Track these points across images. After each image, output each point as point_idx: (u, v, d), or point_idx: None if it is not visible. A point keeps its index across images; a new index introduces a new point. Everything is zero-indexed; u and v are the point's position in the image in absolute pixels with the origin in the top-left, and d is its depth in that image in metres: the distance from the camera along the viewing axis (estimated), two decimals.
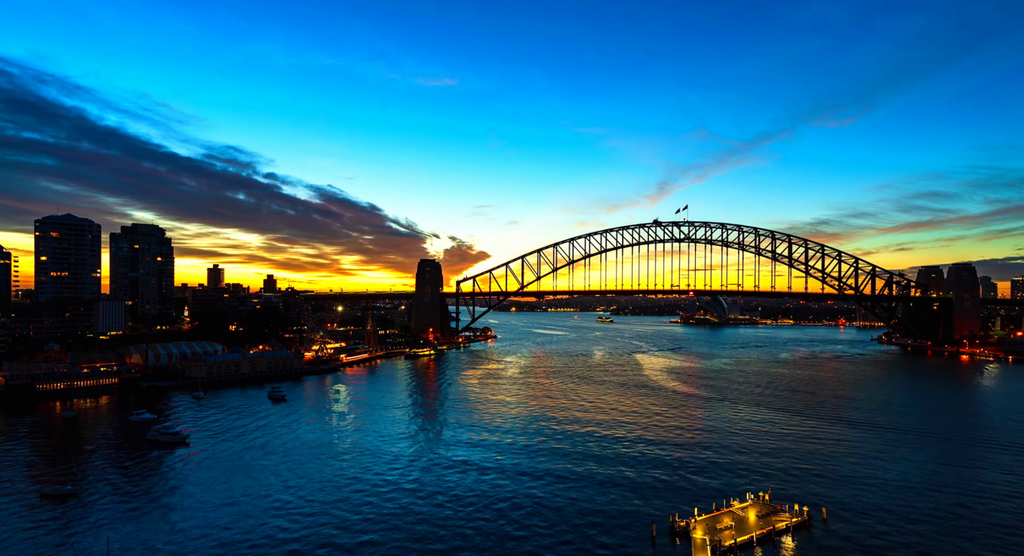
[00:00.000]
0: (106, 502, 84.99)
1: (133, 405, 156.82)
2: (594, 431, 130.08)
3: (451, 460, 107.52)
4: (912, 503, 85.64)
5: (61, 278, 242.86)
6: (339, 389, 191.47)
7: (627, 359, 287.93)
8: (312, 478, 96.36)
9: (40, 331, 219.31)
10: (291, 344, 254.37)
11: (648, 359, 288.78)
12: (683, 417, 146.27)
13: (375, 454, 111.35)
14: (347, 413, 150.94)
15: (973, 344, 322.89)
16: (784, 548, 71.16)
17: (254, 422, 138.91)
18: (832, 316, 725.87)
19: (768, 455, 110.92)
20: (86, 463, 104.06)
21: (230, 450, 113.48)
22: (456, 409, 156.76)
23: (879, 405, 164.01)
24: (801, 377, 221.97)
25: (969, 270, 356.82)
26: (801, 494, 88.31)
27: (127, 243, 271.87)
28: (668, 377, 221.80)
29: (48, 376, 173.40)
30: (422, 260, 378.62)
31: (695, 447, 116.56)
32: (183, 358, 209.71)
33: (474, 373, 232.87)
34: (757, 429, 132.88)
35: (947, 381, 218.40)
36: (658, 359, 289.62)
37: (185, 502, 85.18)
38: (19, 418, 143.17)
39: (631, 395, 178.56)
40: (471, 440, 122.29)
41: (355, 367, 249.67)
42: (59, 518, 78.72)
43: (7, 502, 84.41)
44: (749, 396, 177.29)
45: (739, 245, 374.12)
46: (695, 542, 69.29)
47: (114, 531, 74.02)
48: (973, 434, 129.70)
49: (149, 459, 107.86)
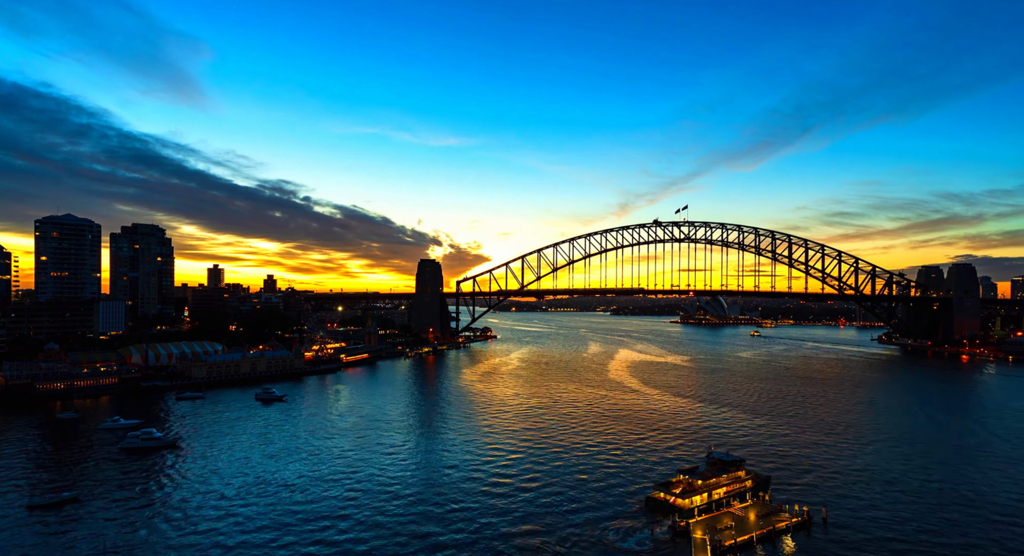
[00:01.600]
0: (94, 509, 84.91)
1: (109, 411, 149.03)
2: (593, 430, 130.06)
3: (450, 459, 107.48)
4: (912, 504, 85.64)
5: (61, 278, 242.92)
6: (339, 389, 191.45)
7: (627, 359, 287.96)
8: (312, 480, 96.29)
9: (40, 331, 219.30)
10: (291, 344, 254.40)
11: (648, 359, 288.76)
12: (683, 417, 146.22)
13: (375, 455, 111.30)
14: (347, 413, 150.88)
15: (973, 344, 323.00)
16: (784, 548, 71.16)
17: (247, 424, 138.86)
18: (832, 316, 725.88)
19: (768, 455, 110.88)
20: (65, 472, 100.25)
21: (218, 453, 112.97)
22: (455, 409, 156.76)
23: (879, 405, 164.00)
24: (800, 377, 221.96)
25: (969, 270, 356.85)
26: (801, 494, 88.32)
27: (127, 243, 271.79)
28: (668, 377, 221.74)
29: (48, 376, 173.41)
30: (422, 260, 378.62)
31: (695, 447, 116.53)
32: (183, 358, 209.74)
33: (474, 373, 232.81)
34: (757, 429, 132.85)
35: (947, 381, 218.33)
36: (658, 359, 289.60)
37: (167, 508, 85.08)
38: (18, 418, 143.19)
39: (630, 394, 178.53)
40: (470, 439, 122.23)
41: (355, 367, 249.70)
42: (49, 525, 78.62)
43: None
44: (748, 396, 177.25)
45: (739, 245, 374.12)
46: (695, 542, 69.26)
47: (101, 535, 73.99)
48: (973, 435, 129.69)
49: (126, 466, 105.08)
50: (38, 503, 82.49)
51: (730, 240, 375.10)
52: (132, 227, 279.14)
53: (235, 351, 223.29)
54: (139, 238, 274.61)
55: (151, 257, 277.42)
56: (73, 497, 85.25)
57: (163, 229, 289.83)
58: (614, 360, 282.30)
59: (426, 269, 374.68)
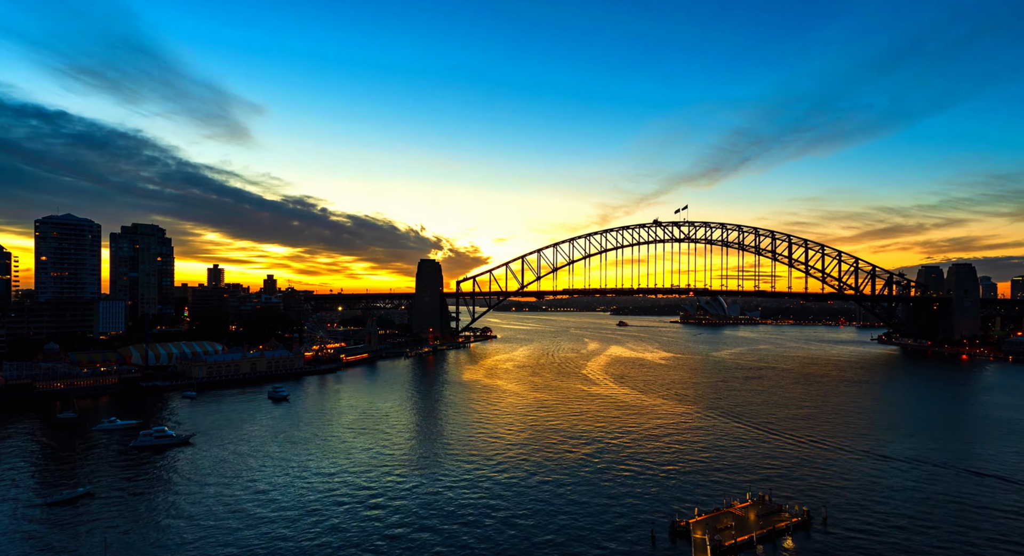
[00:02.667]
0: (102, 505, 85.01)
1: (108, 412, 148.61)
2: (592, 430, 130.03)
3: (449, 460, 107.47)
4: (912, 504, 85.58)
5: (61, 278, 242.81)
6: (339, 389, 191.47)
7: (626, 359, 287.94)
8: (311, 480, 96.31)
9: (40, 331, 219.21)
10: (291, 344, 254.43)
11: (647, 359, 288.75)
12: (682, 417, 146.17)
13: (374, 455, 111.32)
14: (346, 414, 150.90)
15: (973, 344, 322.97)
16: (784, 548, 71.14)
17: (251, 423, 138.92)
18: (832, 316, 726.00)
19: (768, 455, 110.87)
20: (76, 470, 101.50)
21: (221, 452, 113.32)
22: (455, 409, 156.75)
23: (879, 406, 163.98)
24: (800, 378, 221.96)
25: (969, 270, 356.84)
26: (801, 494, 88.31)
27: (127, 243, 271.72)
28: (667, 377, 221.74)
29: (48, 376, 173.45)
30: (422, 260, 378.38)
31: (695, 447, 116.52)
32: (183, 358, 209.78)
33: (474, 373, 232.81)
34: (757, 429, 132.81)
35: (947, 382, 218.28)
36: (657, 359, 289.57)
37: (179, 506, 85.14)
38: (18, 419, 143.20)
39: (629, 394, 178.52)
40: (470, 440, 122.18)
41: (355, 367, 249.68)
42: (56, 524, 78.73)
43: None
44: (748, 396, 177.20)
45: (739, 245, 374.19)
46: (695, 542, 69.24)
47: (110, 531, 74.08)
48: (974, 436, 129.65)
49: (140, 465, 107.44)
50: (56, 500, 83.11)
51: (730, 240, 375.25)
52: (132, 227, 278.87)
53: (235, 351, 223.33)
54: (139, 238, 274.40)
55: (151, 257, 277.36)
56: (87, 492, 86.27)
57: (163, 229, 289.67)
58: (614, 359, 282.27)
59: (426, 269, 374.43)
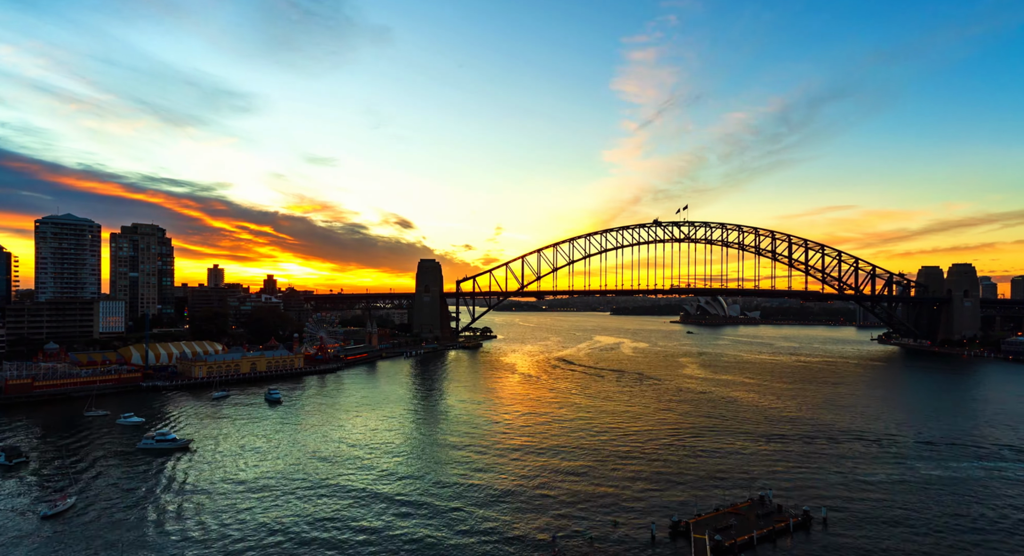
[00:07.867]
0: (98, 512, 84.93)
1: (121, 409, 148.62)
2: (593, 430, 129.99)
3: (449, 460, 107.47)
4: (913, 504, 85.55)
5: (61, 278, 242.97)
6: (339, 389, 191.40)
7: (625, 358, 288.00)
8: (311, 483, 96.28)
9: (40, 331, 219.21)
10: (291, 344, 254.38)
11: (647, 359, 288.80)
12: (682, 417, 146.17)
13: (374, 456, 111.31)
14: (346, 414, 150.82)
15: (973, 344, 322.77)
16: (784, 548, 71.09)
17: (248, 427, 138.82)
18: (832, 316, 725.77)
19: (768, 455, 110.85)
20: (77, 474, 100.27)
21: (219, 457, 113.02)
22: (455, 408, 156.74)
23: (879, 406, 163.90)
24: (800, 378, 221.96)
25: (969, 270, 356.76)
26: (801, 494, 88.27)
27: (127, 243, 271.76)
28: (667, 377, 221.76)
29: (47, 376, 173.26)
30: (422, 260, 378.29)
31: (695, 447, 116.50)
32: (183, 358, 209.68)
33: (473, 372, 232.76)
34: (757, 429, 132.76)
35: (947, 382, 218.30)
36: (657, 359, 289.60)
37: (180, 507, 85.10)
38: (18, 419, 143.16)
39: (629, 394, 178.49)
40: (470, 440, 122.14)
41: (355, 367, 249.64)
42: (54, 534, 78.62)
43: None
44: (748, 396, 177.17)
45: (739, 245, 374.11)
46: (695, 542, 69.21)
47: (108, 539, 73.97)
48: (973, 436, 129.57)
49: (144, 468, 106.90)
50: (47, 514, 79.67)
51: (730, 240, 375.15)
52: (132, 227, 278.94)
53: (235, 351, 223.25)
54: (139, 238, 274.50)
55: (151, 257, 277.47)
56: (72, 505, 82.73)
57: (163, 229, 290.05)
58: (612, 359, 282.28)
59: (426, 269, 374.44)
